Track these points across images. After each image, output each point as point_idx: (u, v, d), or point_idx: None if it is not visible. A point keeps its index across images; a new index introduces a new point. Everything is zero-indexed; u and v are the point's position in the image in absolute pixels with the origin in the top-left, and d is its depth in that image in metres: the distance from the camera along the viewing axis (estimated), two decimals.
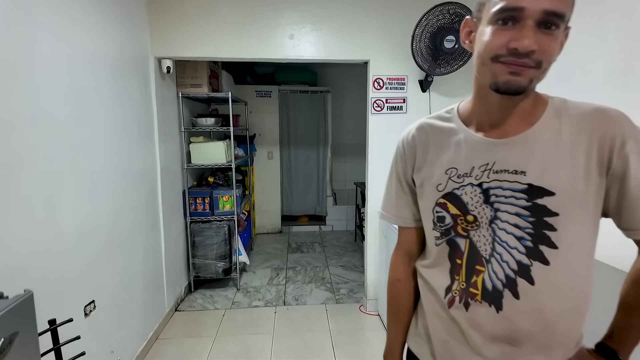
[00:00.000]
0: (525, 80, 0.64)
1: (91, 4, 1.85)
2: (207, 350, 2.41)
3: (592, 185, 0.67)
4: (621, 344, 0.74)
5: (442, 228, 0.76)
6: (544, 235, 0.67)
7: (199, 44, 2.63)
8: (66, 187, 1.63)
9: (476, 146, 0.73)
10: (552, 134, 0.69)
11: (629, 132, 0.66)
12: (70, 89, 1.67)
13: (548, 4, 0.60)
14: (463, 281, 0.74)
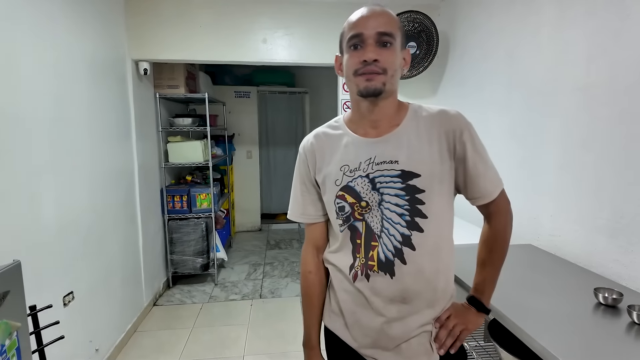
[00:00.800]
0: (378, 83, 0.83)
1: (70, 8, 1.94)
2: (183, 341, 2.51)
3: (445, 166, 0.87)
4: (482, 293, 0.97)
5: (344, 216, 0.91)
6: (417, 209, 0.86)
7: (175, 47, 2.73)
8: (47, 183, 1.71)
9: (360, 145, 0.91)
10: (413, 130, 0.89)
11: (464, 125, 0.88)
12: (50, 89, 1.76)
13: (378, 27, 0.82)
14: (362, 257, 0.90)
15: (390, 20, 0.85)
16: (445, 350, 0.91)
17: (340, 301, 0.95)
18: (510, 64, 2.04)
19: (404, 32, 0.89)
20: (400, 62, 0.87)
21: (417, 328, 0.90)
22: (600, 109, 1.50)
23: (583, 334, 1.06)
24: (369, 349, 0.92)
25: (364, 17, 0.85)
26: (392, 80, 0.85)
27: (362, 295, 0.90)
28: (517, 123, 2.00)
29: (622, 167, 1.40)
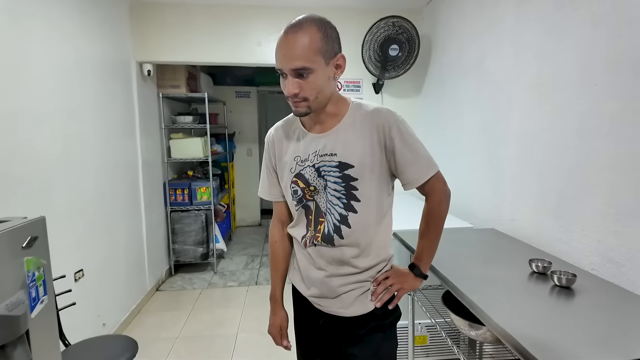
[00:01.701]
0: (303, 109, 0.96)
1: (81, 14, 2.16)
2: (183, 321, 2.72)
3: (376, 157, 1.00)
4: (420, 260, 1.12)
5: (297, 197, 1.08)
6: (352, 194, 1.01)
7: (176, 50, 2.95)
8: (58, 173, 1.93)
9: (308, 139, 1.05)
10: (350, 126, 1.01)
11: (393, 122, 0.99)
12: (64, 89, 1.98)
13: (292, 64, 0.90)
14: (312, 230, 1.07)
15: (304, 51, 0.89)
16: (382, 303, 1.07)
17: (298, 260, 1.15)
18: (480, 65, 2.23)
19: (332, 41, 0.94)
20: (326, 77, 0.94)
21: (354, 282, 1.06)
22: (548, 105, 1.68)
23: (510, 293, 1.25)
24: (317, 298, 1.11)
25: (279, 51, 0.92)
26: (318, 100, 0.96)
27: (311, 256, 1.09)
28: (485, 118, 2.19)
29: (565, 156, 1.58)
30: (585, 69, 1.47)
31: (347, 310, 1.06)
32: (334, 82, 0.99)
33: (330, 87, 0.98)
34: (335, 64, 0.96)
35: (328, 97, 0.99)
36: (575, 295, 1.23)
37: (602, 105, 1.40)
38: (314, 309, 1.12)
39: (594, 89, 1.43)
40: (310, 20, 0.92)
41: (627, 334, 1.01)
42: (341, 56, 0.98)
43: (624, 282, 1.31)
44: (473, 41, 2.31)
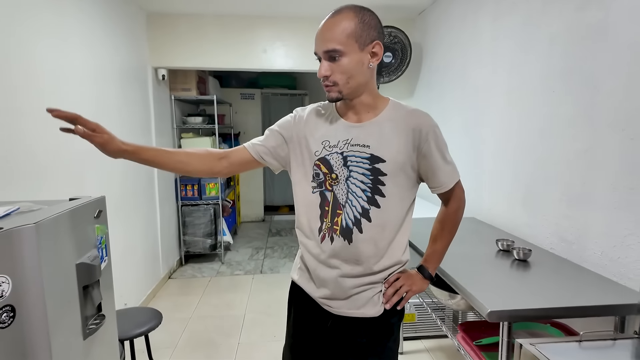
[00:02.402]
0: (334, 94, 0.97)
1: (103, 25, 2.42)
2: (195, 304, 2.98)
3: (408, 157, 0.99)
4: (430, 263, 1.13)
5: (318, 180, 1.04)
6: (378, 188, 0.99)
7: (188, 56, 3.21)
8: (89, 168, 2.19)
9: (341, 127, 1.03)
10: (387, 122, 1.00)
11: (430, 126, 0.99)
12: (91, 92, 2.24)
13: (324, 46, 0.93)
14: (329, 222, 1.03)
15: (336, 34, 0.92)
16: (391, 305, 1.06)
17: (306, 259, 1.09)
18: (464, 72, 2.48)
19: (368, 27, 0.94)
20: (359, 62, 0.94)
21: (367, 284, 1.04)
22: (515, 109, 1.94)
23: (480, 267, 1.51)
24: (327, 299, 1.06)
25: (317, 34, 0.96)
26: (350, 85, 0.95)
27: (325, 253, 1.04)
28: (467, 120, 2.44)
29: (530, 153, 1.84)
30: (545, 79, 1.73)
31: (358, 311, 1.04)
32: (369, 70, 0.97)
33: (364, 74, 0.96)
34: (371, 51, 0.95)
35: (362, 85, 0.98)
36: (531, 267, 1.49)
37: (557, 109, 1.66)
38: (321, 310, 1.08)
39: (552, 95, 1.69)
40: (349, 6, 0.95)
41: (567, 292, 1.27)
42: (377, 43, 0.96)
43: (574, 258, 1.56)
44: (458, 51, 2.57)
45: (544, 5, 1.73)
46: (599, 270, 1.43)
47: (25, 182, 1.63)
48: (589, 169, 1.49)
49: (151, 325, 1.76)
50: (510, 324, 1.15)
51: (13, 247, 0.75)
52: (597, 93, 1.45)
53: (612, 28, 1.39)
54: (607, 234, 1.41)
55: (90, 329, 0.99)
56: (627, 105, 1.33)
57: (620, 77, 1.36)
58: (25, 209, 0.95)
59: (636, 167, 1.30)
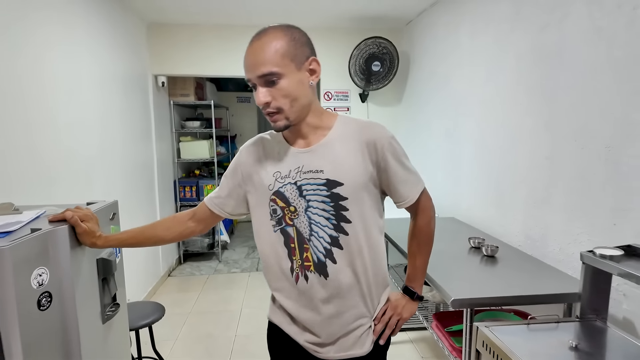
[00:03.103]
0: (281, 122, 0.89)
1: (107, 35, 2.57)
2: (194, 299, 3.14)
3: (367, 175, 0.93)
4: (414, 282, 1.07)
5: (276, 217, 0.95)
6: (342, 215, 0.91)
7: (187, 64, 3.36)
8: (96, 171, 2.35)
9: (290, 155, 0.95)
10: (338, 142, 0.93)
11: (385, 138, 0.93)
12: (97, 100, 2.39)
13: (259, 71, 0.84)
14: (299, 259, 0.94)
15: (269, 56, 0.84)
16: (384, 340, 1.02)
17: (286, 306, 0.99)
18: (446, 81, 2.66)
19: (301, 44, 0.88)
20: (299, 83, 0.87)
21: (354, 322, 0.97)
22: (489, 118, 2.11)
23: (452, 262, 1.68)
24: (311, 344, 0.99)
25: (246, 60, 0.87)
26: (295, 109, 0.88)
27: (304, 295, 0.96)
28: (448, 126, 2.62)
29: (502, 159, 2.02)
30: (513, 92, 1.91)
31: (347, 353, 0.98)
32: (310, 88, 0.91)
33: (307, 94, 0.90)
34: (309, 69, 0.90)
35: (306, 106, 0.91)
36: (498, 262, 1.66)
37: (524, 120, 1.83)
38: (306, 353, 1.00)
39: (519, 107, 1.86)
40: (275, 26, 0.89)
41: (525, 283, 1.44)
42: (314, 59, 0.90)
43: (537, 254, 1.74)
44: (440, 61, 2.74)
45: (512, 26, 1.90)
46: (557, 265, 1.61)
47: (38, 187, 1.78)
48: (550, 174, 1.67)
49: (155, 317, 1.92)
50: (472, 310, 1.32)
51: (49, 245, 0.91)
52: (555, 107, 1.63)
53: (567, 49, 1.56)
54: (564, 232, 1.59)
55: (108, 315, 1.15)
56: (578, 118, 1.51)
57: (572, 94, 1.53)
58: (50, 212, 1.10)
59: (586, 173, 1.47)
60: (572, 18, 1.53)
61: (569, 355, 1.06)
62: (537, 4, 1.73)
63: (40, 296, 0.87)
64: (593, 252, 1.21)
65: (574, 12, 1.52)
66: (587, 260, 1.23)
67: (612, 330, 1.20)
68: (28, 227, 0.93)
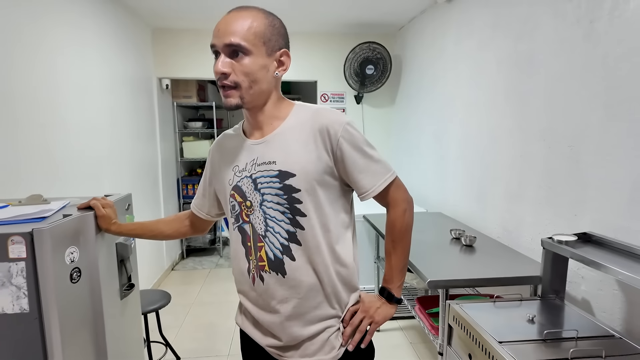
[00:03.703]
0: (234, 99, 0.83)
1: (116, 39, 2.73)
2: (197, 291, 3.31)
3: (321, 164, 0.86)
4: (391, 282, 0.95)
5: (235, 214, 0.92)
6: (296, 208, 0.85)
7: (189, 67, 3.53)
8: (105, 169, 2.51)
9: (246, 147, 0.91)
10: (291, 131, 0.88)
11: (339, 124, 0.86)
12: (108, 102, 2.56)
13: (227, 39, 0.80)
14: (254, 259, 0.89)
15: (243, 29, 0.81)
16: (353, 346, 0.92)
17: (247, 307, 0.95)
18: (434, 85, 2.82)
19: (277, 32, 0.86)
20: (263, 67, 0.84)
21: (317, 323, 0.90)
22: (472, 119, 2.28)
23: (434, 252, 1.84)
24: (274, 348, 0.93)
25: (218, 25, 0.83)
26: (253, 91, 0.84)
27: (260, 297, 0.90)
28: (436, 127, 2.78)
29: (483, 157, 2.18)
30: (493, 95, 2.07)
31: (312, 359, 0.90)
32: (274, 79, 0.88)
33: (268, 81, 0.86)
34: (278, 59, 0.87)
35: (265, 93, 0.87)
36: (476, 251, 1.82)
37: (501, 121, 1.99)
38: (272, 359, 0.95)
39: (498, 109, 2.02)
40: (258, 7, 0.87)
41: (497, 268, 1.60)
42: (285, 52, 0.88)
43: (512, 245, 1.90)
44: (429, 65, 2.90)
45: (492, 35, 2.07)
46: (528, 253, 1.77)
47: (50, 184, 1.94)
48: (523, 171, 1.83)
49: (162, 302, 2.08)
50: (447, 291, 1.48)
51: (78, 228, 1.07)
52: (527, 110, 1.79)
53: (537, 57, 1.72)
54: (535, 224, 1.75)
55: (125, 293, 1.31)
56: (546, 120, 1.67)
57: (541, 98, 1.70)
58: (74, 203, 1.26)
59: (552, 170, 1.63)
60: (541, 29, 1.69)
61: (526, 326, 1.22)
62: (513, 15, 1.89)
63: (72, 271, 1.03)
64: (552, 239, 1.37)
65: (542, 24, 1.68)
66: (546, 245, 1.39)
67: (568, 307, 1.36)
68: (59, 213, 1.09)
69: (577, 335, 1.15)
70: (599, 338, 1.16)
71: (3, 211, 1.13)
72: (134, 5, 2.89)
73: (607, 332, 1.19)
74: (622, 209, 1.32)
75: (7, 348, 0.96)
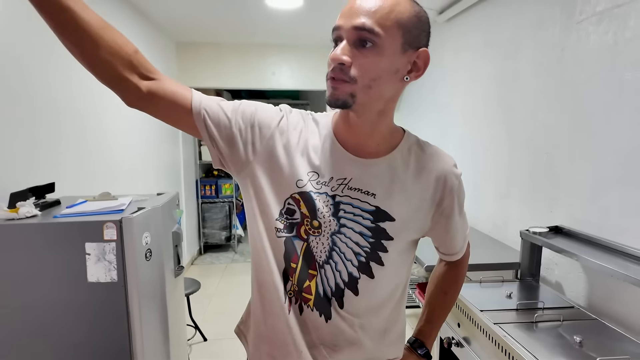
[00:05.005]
0: (342, 94, 0.64)
1: (145, 51, 3.03)
2: (216, 283, 3.61)
3: (423, 214, 0.74)
4: (429, 337, 0.87)
5: (288, 221, 0.72)
6: (377, 255, 0.72)
7: (209, 77, 3.84)
8: (140, 170, 2.82)
9: (337, 158, 0.73)
10: (402, 165, 0.73)
11: (457, 177, 0.75)
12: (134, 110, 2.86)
13: (357, 20, 0.62)
14: (295, 283, 0.73)
15: (383, 12, 0.62)
16: None
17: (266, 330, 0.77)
18: (433, 91, 3.10)
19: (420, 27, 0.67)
20: (392, 66, 0.65)
21: None
22: (468, 127, 2.56)
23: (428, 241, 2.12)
24: None
25: (348, 6, 0.65)
26: (371, 93, 0.65)
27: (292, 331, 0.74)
28: (435, 132, 3.06)
29: (477, 161, 2.46)
30: (485, 105, 2.35)
31: None
32: (401, 84, 0.69)
33: (394, 87, 0.69)
34: (414, 60, 0.68)
35: (383, 99, 0.68)
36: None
37: (492, 129, 2.28)
38: None
39: (489, 118, 2.31)
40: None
41: (486, 257, 1.88)
42: (425, 52, 0.69)
43: (501, 238, 2.18)
44: (429, 73, 3.18)
45: (484, 52, 2.35)
46: (514, 245, 2.04)
47: (88, 183, 2.25)
48: (510, 173, 2.11)
49: (194, 288, 2.38)
50: None
51: (150, 218, 1.37)
52: (514, 119, 2.07)
53: (521, 75, 2.01)
54: (519, 220, 2.03)
55: (177, 272, 1.61)
56: (530, 129, 1.95)
57: (524, 111, 1.98)
58: (136, 200, 1.56)
59: (533, 173, 1.91)
60: (523, 52, 1.98)
61: (504, 300, 1.51)
62: (501, 36, 2.17)
63: (146, 251, 1.33)
64: (528, 230, 1.66)
65: (524, 47, 1.97)
66: (524, 236, 1.68)
67: (542, 287, 1.65)
68: (132, 206, 1.39)
69: (543, 306, 1.43)
70: (561, 309, 1.44)
71: (85, 205, 1.43)
72: (160, 22, 3.20)
73: (569, 304, 1.47)
74: (586, 206, 1.60)
75: (101, 308, 1.26)
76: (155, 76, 0.71)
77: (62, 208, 1.41)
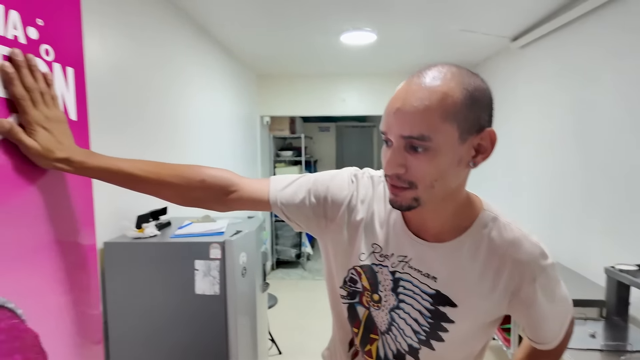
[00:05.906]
0: (404, 200, 0.62)
1: (233, 85, 3.42)
2: (288, 298, 3.82)
3: (492, 303, 0.68)
4: None
5: (351, 288, 0.74)
6: (437, 334, 0.70)
7: (285, 106, 4.17)
8: None
9: (400, 235, 0.71)
10: (471, 249, 0.67)
11: (540, 270, 0.66)
12: (229, 133, 3.21)
13: (402, 129, 0.58)
14: (358, 342, 0.75)
15: (431, 112, 0.57)
16: None
17: None
18: (506, 121, 3.05)
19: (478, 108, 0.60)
20: (454, 160, 0.60)
21: None
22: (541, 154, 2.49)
23: None
24: None
25: (392, 104, 0.62)
26: (435, 191, 0.61)
27: None
28: (508, 161, 3.00)
29: (551, 187, 2.38)
30: (561, 134, 2.29)
31: None
32: (466, 170, 0.65)
33: (458, 176, 0.64)
34: (477, 144, 0.62)
35: (449, 191, 0.65)
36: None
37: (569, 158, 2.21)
38: None
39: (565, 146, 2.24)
40: (452, 69, 0.61)
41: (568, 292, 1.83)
42: (490, 133, 0.62)
43: (583, 272, 2.08)
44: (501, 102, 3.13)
45: (559, 82, 2.31)
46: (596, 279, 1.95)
47: None
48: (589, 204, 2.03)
49: (272, 303, 2.59)
50: None
51: (246, 240, 1.58)
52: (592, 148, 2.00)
53: (599, 105, 1.95)
54: (602, 253, 1.93)
55: (264, 288, 1.81)
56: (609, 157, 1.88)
57: (603, 140, 1.91)
58: (231, 222, 1.80)
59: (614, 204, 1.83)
60: (600, 81, 1.93)
61: (587, 339, 1.47)
62: (576, 66, 2.13)
63: (242, 269, 1.54)
64: (614, 267, 1.60)
65: (601, 78, 1.92)
66: (609, 273, 1.62)
67: (629, 327, 1.56)
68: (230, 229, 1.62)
69: (632, 349, 1.37)
70: None
71: (192, 227, 1.70)
72: (243, 56, 3.57)
73: None
74: None
75: (205, 316, 1.49)
76: (231, 188, 0.76)
77: (173, 228, 1.69)
